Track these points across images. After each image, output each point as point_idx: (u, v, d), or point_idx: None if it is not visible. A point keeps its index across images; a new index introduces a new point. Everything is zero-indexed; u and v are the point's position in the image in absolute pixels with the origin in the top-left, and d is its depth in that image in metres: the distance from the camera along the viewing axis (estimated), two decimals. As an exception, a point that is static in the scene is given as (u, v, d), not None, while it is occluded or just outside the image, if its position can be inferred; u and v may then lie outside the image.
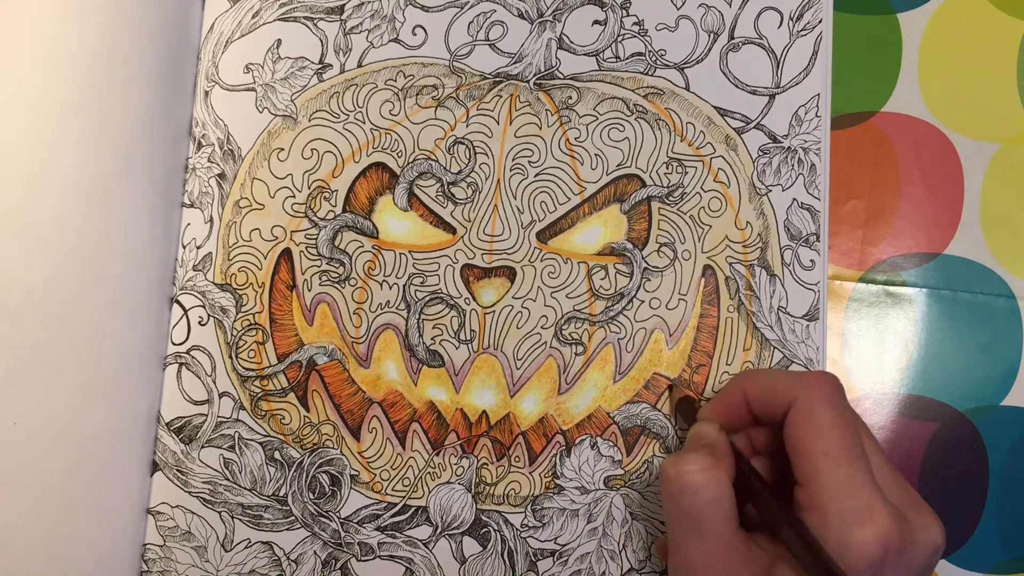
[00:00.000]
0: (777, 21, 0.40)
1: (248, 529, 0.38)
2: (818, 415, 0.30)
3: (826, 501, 0.29)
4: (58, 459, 0.35)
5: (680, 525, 0.30)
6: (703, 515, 0.30)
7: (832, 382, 0.32)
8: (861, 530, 0.28)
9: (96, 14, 0.35)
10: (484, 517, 0.38)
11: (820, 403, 0.31)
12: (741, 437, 0.34)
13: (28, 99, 0.34)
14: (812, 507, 0.29)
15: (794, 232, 0.39)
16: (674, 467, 0.30)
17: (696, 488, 0.30)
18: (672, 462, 0.30)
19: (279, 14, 0.40)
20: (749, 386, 0.33)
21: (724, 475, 0.30)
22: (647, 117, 0.39)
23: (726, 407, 0.34)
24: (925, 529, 0.29)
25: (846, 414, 0.31)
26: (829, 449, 0.29)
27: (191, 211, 0.39)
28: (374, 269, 0.39)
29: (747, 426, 0.34)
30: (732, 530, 0.30)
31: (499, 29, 0.40)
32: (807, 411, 0.31)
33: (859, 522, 0.28)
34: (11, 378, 0.34)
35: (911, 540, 0.29)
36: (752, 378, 0.34)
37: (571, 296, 0.39)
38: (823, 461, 0.29)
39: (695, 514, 0.30)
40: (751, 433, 0.34)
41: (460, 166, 0.39)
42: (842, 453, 0.29)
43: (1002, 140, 0.40)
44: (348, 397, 0.39)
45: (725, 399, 0.34)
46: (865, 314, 0.40)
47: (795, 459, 0.31)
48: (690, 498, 0.30)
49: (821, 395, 0.31)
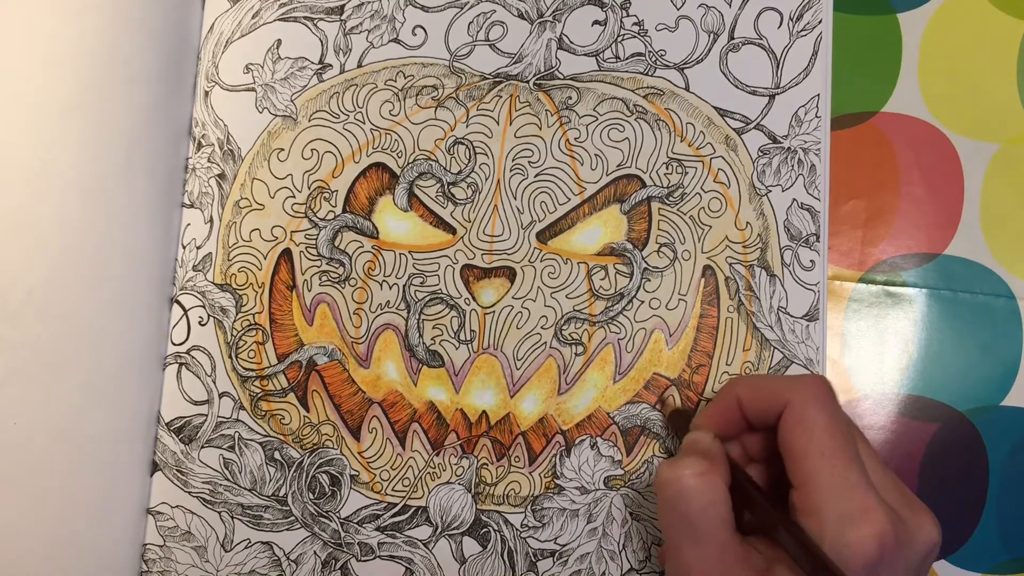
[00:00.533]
0: (777, 21, 0.40)
1: (248, 529, 0.38)
2: (811, 417, 0.30)
3: (822, 502, 0.29)
4: (58, 459, 0.35)
5: (676, 530, 0.30)
6: (699, 519, 0.30)
7: (824, 384, 0.32)
8: (857, 530, 0.28)
9: (96, 14, 0.35)
10: (484, 517, 0.38)
11: (813, 405, 0.31)
12: (735, 445, 0.34)
13: (28, 99, 0.34)
14: (808, 509, 0.29)
15: (794, 232, 0.39)
16: (669, 472, 0.30)
17: (691, 492, 0.30)
18: (667, 467, 0.30)
19: (279, 14, 0.40)
20: (742, 391, 0.33)
21: (719, 479, 0.30)
22: (647, 117, 0.39)
23: (720, 414, 0.34)
24: (921, 528, 0.29)
25: (839, 416, 0.31)
26: (824, 450, 0.30)
27: (191, 211, 0.39)
28: (374, 269, 0.39)
29: (741, 433, 0.34)
30: (728, 534, 0.30)
31: (499, 29, 0.40)
32: (800, 413, 0.31)
33: (855, 522, 0.28)
34: (11, 378, 0.34)
35: (907, 539, 0.29)
36: (745, 383, 0.34)
37: (571, 296, 0.39)
38: (818, 462, 0.29)
39: (691, 518, 0.30)
40: (745, 440, 0.34)
41: (460, 166, 0.39)
42: (836, 454, 0.29)
43: (1002, 140, 0.40)
44: (348, 397, 0.39)
45: (719, 406, 0.34)
46: (865, 314, 0.40)
47: (789, 462, 0.31)
48: (685, 503, 0.30)
49: (814, 397, 0.31)
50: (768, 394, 0.32)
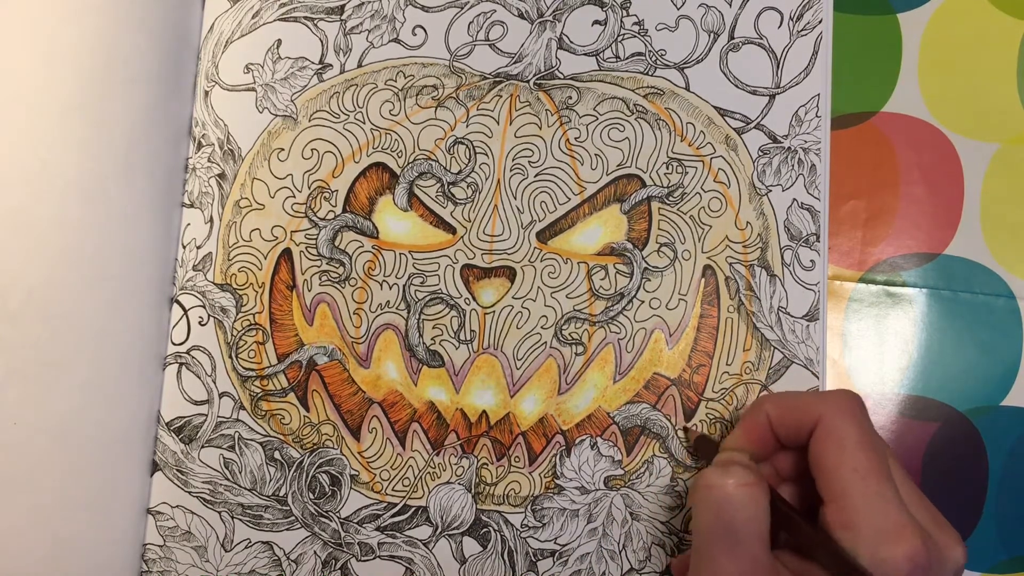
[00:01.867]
0: (777, 21, 0.40)
1: (248, 529, 0.38)
2: (845, 432, 0.30)
3: (857, 519, 0.29)
4: (58, 459, 0.35)
5: (715, 537, 0.30)
6: (742, 530, 0.29)
7: (855, 400, 0.32)
8: (892, 547, 0.28)
9: (96, 14, 0.35)
10: (484, 517, 0.38)
11: (846, 420, 0.31)
12: (766, 466, 0.34)
13: (28, 99, 0.34)
14: (842, 525, 0.29)
15: (794, 232, 0.39)
16: (718, 478, 0.30)
17: (739, 502, 0.29)
18: (715, 473, 0.30)
19: (279, 14, 0.40)
20: (772, 408, 0.33)
21: (764, 494, 0.30)
22: (647, 117, 0.39)
23: (750, 433, 0.34)
24: (949, 548, 0.30)
25: (871, 431, 0.31)
26: (858, 466, 0.30)
27: (191, 211, 0.39)
28: (374, 269, 0.39)
29: (771, 453, 0.34)
30: (764, 549, 0.30)
31: (499, 29, 0.40)
32: (833, 429, 0.31)
33: (890, 540, 0.28)
34: (11, 378, 0.34)
35: (938, 558, 0.29)
36: (774, 401, 0.34)
37: (571, 296, 0.39)
38: (853, 478, 0.29)
39: (735, 528, 0.29)
40: (775, 460, 0.34)
41: (460, 166, 0.39)
42: (871, 471, 0.29)
43: (1002, 140, 0.40)
44: (348, 397, 0.39)
45: (748, 425, 0.34)
46: (865, 314, 0.40)
47: (821, 477, 0.31)
48: (731, 511, 0.29)
49: (847, 412, 0.31)
50: (798, 411, 0.32)
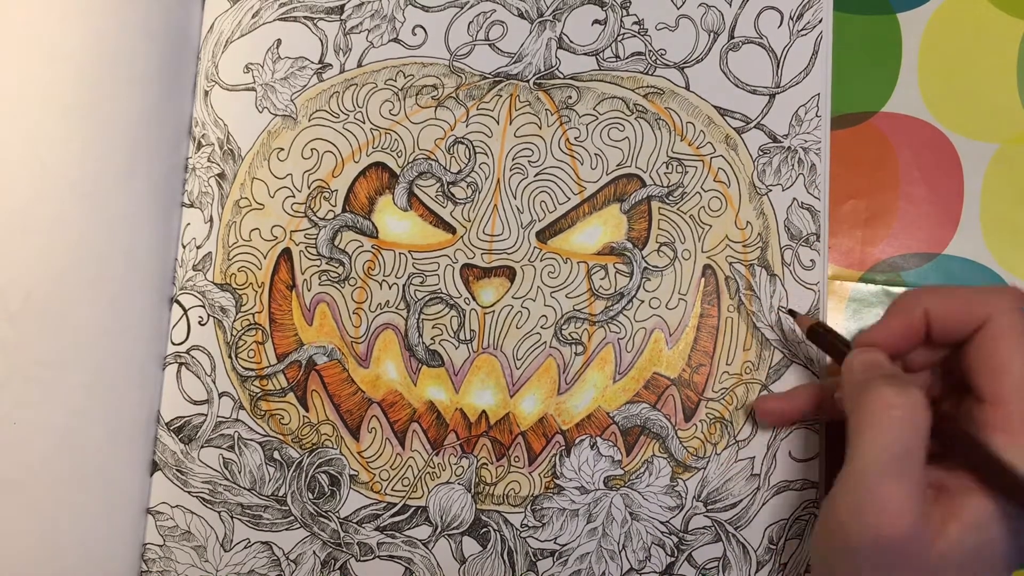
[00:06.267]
0: (777, 21, 0.40)
1: (247, 529, 0.38)
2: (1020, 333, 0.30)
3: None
4: (58, 459, 0.35)
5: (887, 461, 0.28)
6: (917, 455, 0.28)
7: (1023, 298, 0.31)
8: None
9: (96, 14, 0.35)
10: (484, 517, 0.38)
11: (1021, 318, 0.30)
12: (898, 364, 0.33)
13: (29, 99, 0.34)
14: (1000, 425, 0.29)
15: (794, 232, 0.39)
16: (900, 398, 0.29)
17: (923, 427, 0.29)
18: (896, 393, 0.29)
19: (279, 14, 0.40)
20: (933, 302, 0.32)
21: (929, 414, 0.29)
22: (647, 117, 0.39)
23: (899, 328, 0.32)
24: None
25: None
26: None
27: (191, 211, 0.39)
28: (374, 269, 0.39)
29: (912, 350, 0.33)
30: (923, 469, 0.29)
31: (499, 29, 0.40)
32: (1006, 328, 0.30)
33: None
34: (11, 378, 0.34)
35: None
36: (933, 295, 0.32)
37: (571, 296, 0.39)
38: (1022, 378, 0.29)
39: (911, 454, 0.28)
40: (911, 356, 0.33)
41: (460, 166, 0.39)
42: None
43: (1002, 140, 0.40)
44: (347, 397, 0.39)
45: (900, 319, 0.32)
46: (865, 314, 0.40)
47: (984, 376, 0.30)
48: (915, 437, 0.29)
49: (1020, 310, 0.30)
50: (968, 305, 0.31)
